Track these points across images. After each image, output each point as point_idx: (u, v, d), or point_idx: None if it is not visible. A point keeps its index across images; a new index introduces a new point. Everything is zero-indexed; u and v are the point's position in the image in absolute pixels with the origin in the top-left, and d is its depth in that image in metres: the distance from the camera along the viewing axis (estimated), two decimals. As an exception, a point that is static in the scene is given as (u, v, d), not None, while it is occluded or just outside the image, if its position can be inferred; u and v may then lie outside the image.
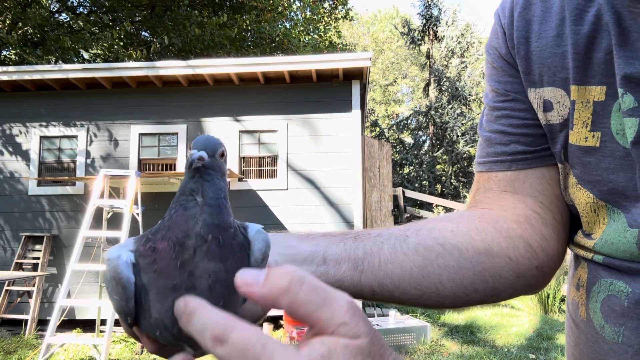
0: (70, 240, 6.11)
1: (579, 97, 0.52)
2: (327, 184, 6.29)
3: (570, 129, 0.53)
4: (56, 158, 6.59)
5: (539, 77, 0.57)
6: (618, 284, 0.51)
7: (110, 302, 0.40)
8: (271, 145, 6.44)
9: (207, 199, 0.38)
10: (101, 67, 6.52)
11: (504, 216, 0.61)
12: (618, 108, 0.49)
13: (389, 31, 29.08)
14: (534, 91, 0.58)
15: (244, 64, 6.30)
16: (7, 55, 11.91)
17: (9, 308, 5.99)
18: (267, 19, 12.69)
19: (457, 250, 0.57)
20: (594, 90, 0.51)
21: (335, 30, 16.22)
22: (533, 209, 0.61)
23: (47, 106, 6.60)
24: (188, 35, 11.57)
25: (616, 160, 0.50)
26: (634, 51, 0.47)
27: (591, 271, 0.55)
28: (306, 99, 6.49)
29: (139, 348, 5.07)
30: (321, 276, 0.53)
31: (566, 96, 0.54)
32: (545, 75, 0.56)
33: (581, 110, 0.52)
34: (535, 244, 0.59)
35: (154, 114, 6.53)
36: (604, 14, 0.50)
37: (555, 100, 0.55)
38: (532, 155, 0.61)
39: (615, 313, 0.51)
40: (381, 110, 27.68)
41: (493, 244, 0.58)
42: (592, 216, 0.54)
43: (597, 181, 0.52)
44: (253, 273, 0.31)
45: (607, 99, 0.50)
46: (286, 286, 0.29)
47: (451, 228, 0.59)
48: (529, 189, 0.62)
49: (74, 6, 13.25)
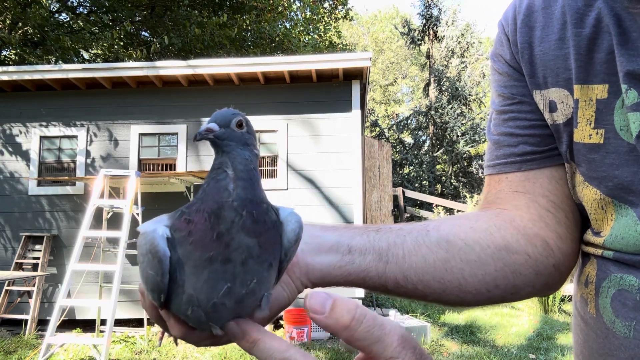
0: (70, 240, 6.11)
1: (582, 95, 0.53)
2: (327, 184, 6.29)
3: (575, 127, 0.55)
4: (56, 158, 6.59)
5: (543, 79, 0.58)
6: (628, 278, 0.52)
7: (143, 279, 0.40)
8: (271, 145, 6.44)
9: (238, 172, 0.38)
10: (101, 67, 6.52)
11: (519, 215, 0.62)
12: (621, 105, 0.50)
13: (389, 31, 29.07)
14: (539, 93, 0.60)
15: (244, 64, 6.30)
16: (7, 55, 11.91)
17: (9, 308, 5.99)
18: (267, 19, 12.68)
19: (479, 245, 0.58)
20: (597, 89, 0.52)
21: (335, 30, 16.21)
22: (546, 208, 0.62)
23: (47, 106, 6.60)
24: (188, 35, 11.56)
25: (620, 156, 0.51)
26: (635, 49, 0.49)
27: (600, 267, 0.56)
28: (306, 99, 6.49)
29: (159, 337, 5.06)
30: (347, 265, 0.54)
31: (569, 96, 0.55)
32: (549, 77, 0.57)
33: (584, 108, 0.53)
34: (551, 242, 0.60)
35: (154, 114, 6.53)
36: (603, 17, 0.52)
37: (559, 100, 0.57)
38: (540, 155, 0.62)
39: (627, 307, 0.51)
40: (381, 110, 27.67)
41: (512, 241, 0.59)
42: (600, 213, 0.55)
43: (602, 177, 0.52)
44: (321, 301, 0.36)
45: (609, 97, 0.51)
46: (347, 323, 0.35)
47: (471, 225, 0.60)
48: (540, 189, 0.62)
49: (74, 6, 13.24)
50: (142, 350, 5.01)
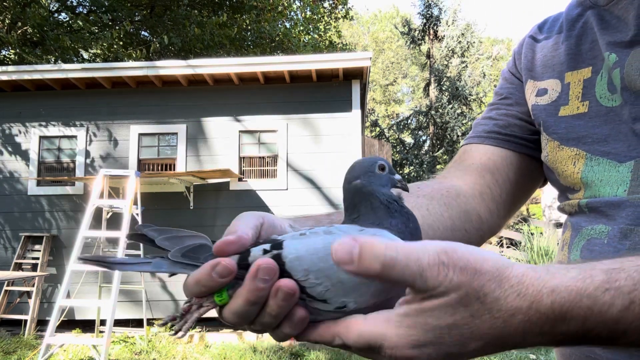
0: (69, 240, 6.10)
1: (572, 79, 0.68)
2: (327, 184, 6.28)
3: (565, 104, 0.68)
4: (56, 158, 6.58)
5: (540, 74, 0.74)
6: (598, 227, 0.61)
7: None
8: (271, 145, 6.43)
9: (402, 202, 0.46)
10: (101, 66, 6.51)
11: (464, 190, 0.74)
12: (601, 79, 0.63)
13: (389, 31, 29.06)
14: (532, 83, 0.75)
15: (244, 63, 6.29)
16: (6, 55, 11.90)
17: (9, 308, 5.98)
18: (267, 19, 12.68)
19: (432, 229, 0.66)
20: (584, 71, 0.66)
21: (335, 30, 16.21)
22: (488, 185, 0.76)
23: (47, 106, 6.59)
24: (188, 35, 11.55)
25: (600, 117, 0.63)
26: (612, 28, 0.64)
27: (574, 227, 0.66)
28: (306, 99, 6.48)
29: (186, 327, 5.05)
30: None
31: (559, 83, 0.70)
32: (546, 72, 0.73)
33: (574, 88, 0.67)
34: (483, 216, 0.74)
35: (154, 114, 6.52)
36: (590, 21, 0.68)
37: (551, 88, 0.71)
38: (503, 137, 0.78)
39: (594, 253, 0.59)
40: (381, 110, 27.66)
41: (456, 220, 0.70)
42: (571, 169, 0.66)
43: (582, 137, 0.64)
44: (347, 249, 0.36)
45: (592, 75, 0.65)
46: (379, 271, 0.35)
47: (427, 206, 0.69)
48: (491, 165, 0.77)
49: (73, 6, 13.23)
50: (142, 350, 5.00)
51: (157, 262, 0.45)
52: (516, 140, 0.78)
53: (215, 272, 0.41)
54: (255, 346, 4.99)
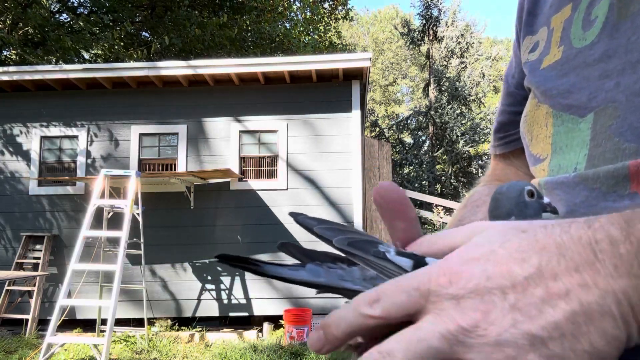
0: (70, 240, 6.11)
1: (556, 22, 0.56)
2: (327, 184, 6.30)
3: (547, 55, 0.56)
4: (57, 158, 6.60)
5: (538, 25, 0.61)
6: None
7: None
8: (271, 145, 6.45)
9: None
10: (102, 67, 6.53)
11: None
12: (577, 15, 0.51)
13: (389, 31, 29.07)
14: (530, 38, 0.62)
15: (244, 64, 6.31)
16: (7, 55, 11.92)
17: (10, 308, 6.00)
18: (267, 19, 12.69)
19: None
20: (565, 11, 0.54)
21: (335, 31, 16.23)
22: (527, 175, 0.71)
23: (48, 106, 6.61)
24: (188, 36, 11.57)
25: (569, 62, 0.51)
26: None
27: None
28: (306, 99, 6.49)
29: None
30: None
31: (546, 30, 0.58)
32: (541, 22, 0.61)
33: (556, 32, 0.55)
34: None
35: (155, 114, 6.54)
36: None
37: (542, 39, 0.59)
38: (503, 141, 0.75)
39: None
40: (381, 110, 27.67)
41: None
42: (543, 132, 0.55)
43: (550, 88, 0.53)
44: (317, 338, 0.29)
45: (571, 14, 0.53)
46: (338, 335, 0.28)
47: None
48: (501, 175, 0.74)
49: (74, 6, 13.26)
50: (143, 350, 5.02)
51: (313, 269, 0.35)
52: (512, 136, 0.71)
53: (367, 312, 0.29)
54: (255, 345, 5.01)
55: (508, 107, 0.72)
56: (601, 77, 0.46)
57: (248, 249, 6.08)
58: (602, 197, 0.43)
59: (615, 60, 0.45)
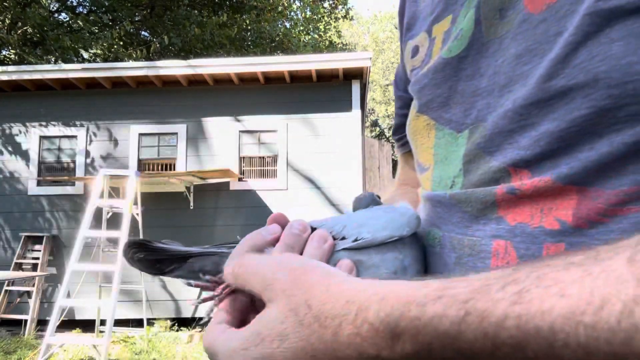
0: (70, 240, 6.10)
1: (437, 32, 0.56)
2: (327, 184, 6.28)
3: (428, 64, 0.56)
4: (56, 158, 6.59)
5: (416, 29, 0.61)
6: (433, 230, 0.52)
7: None
8: (271, 145, 6.43)
9: None
10: (101, 67, 6.51)
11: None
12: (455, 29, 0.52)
13: (389, 31, 29.06)
14: (411, 42, 0.62)
15: (244, 63, 6.29)
16: (6, 55, 11.90)
17: (9, 308, 5.99)
18: (267, 19, 12.68)
19: None
20: (445, 21, 0.54)
21: (335, 30, 16.21)
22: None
23: (47, 106, 6.59)
24: (188, 35, 11.55)
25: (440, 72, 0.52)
26: None
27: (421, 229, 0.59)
28: (306, 99, 6.48)
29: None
30: None
31: (427, 38, 0.58)
32: (421, 25, 0.60)
33: (437, 43, 0.55)
34: None
35: (154, 114, 6.52)
36: None
37: (421, 44, 0.59)
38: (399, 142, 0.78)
39: (429, 263, 0.52)
40: (381, 110, 27.66)
41: None
42: (426, 142, 0.55)
43: (430, 100, 0.54)
44: None
45: (450, 26, 0.53)
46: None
47: None
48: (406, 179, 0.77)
49: (73, 6, 13.24)
50: (142, 350, 5.00)
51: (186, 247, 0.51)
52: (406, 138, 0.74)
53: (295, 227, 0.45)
54: (255, 346, 4.98)
55: (400, 110, 0.72)
56: (474, 95, 0.48)
57: (248, 249, 6.06)
58: (474, 219, 0.46)
59: (486, 79, 0.47)
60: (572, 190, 0.38)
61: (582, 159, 0.38)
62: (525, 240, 0.40)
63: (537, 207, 0.40)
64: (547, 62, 0.40)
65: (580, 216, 0.38)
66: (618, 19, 0.36)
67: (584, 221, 0.37)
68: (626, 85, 0.35)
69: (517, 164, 0.42)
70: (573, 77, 0.38)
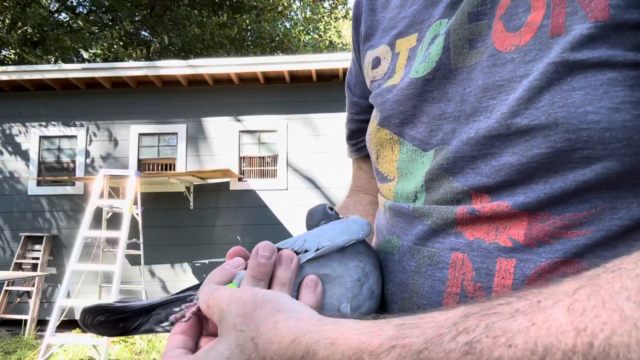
0: (69, 240, 6.09)
1: (401, 47, 0.58)
2: (327, 184, 6.28)
3: (391, 77, 0.58)
4: (56, 158, 6.58)
5: (377, 40, 0.63)
6: (392, 239, 0.54)
7: None
8: (271, 145, 6.43)
9: None
10: (101, 66, 6.51)
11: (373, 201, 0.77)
12: (421, 48, 0.54)
13: (388, 31, 29.06)
14: (371, 53, 0.63)
15: (244, 63, 6.29)
16: (6, 55, 11.89)
17: (9, 308, 5.99)
18: (267, 19, 12.68)
19: None
20: (411, 39, 0.57)
21: (335, 30, 16.21)
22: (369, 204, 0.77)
23: (47, 106, 6.59)
24: (188, 35, 11.55)
25: (405, 90, 0.54)
26: None
27: (378, 233, 0.60)
28: (306, 98, 6.48)
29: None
30: None
31: (390, 51, 0.60)
32: (382, 37, 0.62)
33: (402, 58, 0.57)
34: None
35: (154, 114, 6.52)
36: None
37: (383, 57, 0.61)
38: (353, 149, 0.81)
39: (388, 270, 0.53)
40: (381, 110, 27.67)
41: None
42: (389, 155, 0.58)
43: (391, 115, 0.56)
44: None
45: (416, 44, 0.56)
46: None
47: None
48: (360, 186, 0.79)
49: (73, 6, 13.23)
50: (142, 350, 5.00)
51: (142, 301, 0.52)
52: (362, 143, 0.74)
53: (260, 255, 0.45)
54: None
55: (355, 115, 0.74)
56: (441, 118, 0.50)
57: (248, 249, 6.04)
58: (434, 233, 0.49)
59: (453, 105, 0.49)
60: (525, 214, 0.42)
61: (536, 190, 0.42)
62: (480, 254, 0.44)
63: (494, 226, 0.44)
64: (512, 101, 0.43)
65: (530, 236, 0.42)
66: (580, 70, 0.39)
67: (533, 240, 0.42)
68: (581, 131, 0.38)
69: (479, 189, 0.45)
70: (535, 118, 0.41)
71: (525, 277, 0.41)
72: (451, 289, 0.46)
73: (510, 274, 0.42)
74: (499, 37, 0.46)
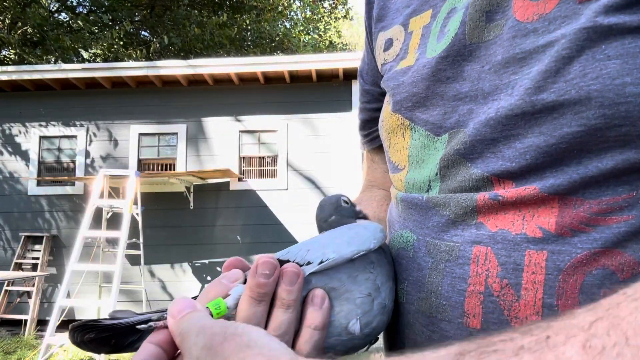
0: (69, 240, 6.09)
1: (415, 26, 0.54)
2: (327, 184, 6.28)
3: (404, 58, 0.54)
4: (56, 158, 6.58)
5: (389, 20, 0.59)
6: (405, 233, 0.50)
7: None
8: (271, 145, 6.43)
9: None
10: (101, 66, 6.51)
11: (387, 196, 0.72)
12: (435, 25, 0.50)
13: (388, 31, 29.04)
14: (383, 34, 0.60)
15: (244, 63, 6.29)
16: (6, 55, 11.89)
17: (9, 308, 5.98)
18: (267, 19, 12.68)
19: None
20: (425, 16, 0.52)
21: (335, 30, 16.21)
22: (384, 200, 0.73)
23: (47, 106, 6.59)
24: (188, 35, 11.55)
25: (420, 71, 0.50)
26: None
27: (390, 228, 0.56)
28: (306, 98, 6.48)
29: None
30: None
31: (403, 32, 0.55)
32: (395, 17, 0.58)
33: (415, 37, 0.53)
34: None
35: (154, 114, 6.52)
36: None
37: (395, 38, 0.57)
38: (366, 140, 0.75)
39: (401, 267, 0.49)
40: (381, 110, 27.67)
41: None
42: (400, 142, 0.54)
43: (404, 99, 0.51)
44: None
45: (431, 20, 0.51)
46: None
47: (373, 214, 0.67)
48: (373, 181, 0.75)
49: (73, 6, 13.23)
50: (142, 350, 5.00)
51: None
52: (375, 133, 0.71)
53: (260, 273, 0.38)
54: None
55: (367, 104, 0.70)
56: (455, 99, 0.46)
57: (248, 249, 6.07)
58: (452, 225, 0.44)
59: (468, 84, 0.45)
60: (555, 199, 0.38)
61: (568, 172, 0.37)
62: (506, 247, 0.40)
63: (520, 214, 0.40)
64: (537, 74, 0.38)
65: (563, 224, 0.37)
66: (616, 35, 0.34)
67: (566, 229, 0.37)
68: (619, 106, 0.34)
69: (501, 175, 0.41)
70: (564, 93, 0.36)
71: (560, 271, 0.37)
72: (474, 287, 0.41)
73: (541, 268, 0.37)
74: (521, 7, 0.41)
